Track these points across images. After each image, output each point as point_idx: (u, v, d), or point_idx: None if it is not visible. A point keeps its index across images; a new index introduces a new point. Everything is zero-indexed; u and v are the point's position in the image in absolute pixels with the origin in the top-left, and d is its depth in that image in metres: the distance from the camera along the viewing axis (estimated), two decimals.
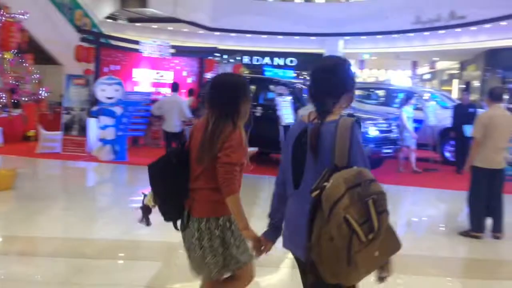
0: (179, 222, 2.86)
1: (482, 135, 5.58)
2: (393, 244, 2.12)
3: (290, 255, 4.72)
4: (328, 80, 2.29)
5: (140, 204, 2.96)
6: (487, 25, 21.09)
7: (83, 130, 11.11)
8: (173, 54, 14.66)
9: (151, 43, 13.57)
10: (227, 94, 2.74)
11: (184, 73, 14.41)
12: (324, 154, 2.18)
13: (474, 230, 5.63)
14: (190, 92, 11.98)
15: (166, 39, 17.91)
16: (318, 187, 2.06)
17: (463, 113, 10.07)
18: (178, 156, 2.79)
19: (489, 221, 5.76)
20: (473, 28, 21.86)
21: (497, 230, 5.67)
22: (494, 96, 5.83)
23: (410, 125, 9.94)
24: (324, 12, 26.02)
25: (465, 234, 5.69)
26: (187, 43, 24.33)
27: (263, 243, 2.52)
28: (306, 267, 2.21)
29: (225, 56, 22.96)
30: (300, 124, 2.38)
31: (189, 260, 2.85)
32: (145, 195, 2.95)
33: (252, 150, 3.22)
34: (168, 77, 13.80)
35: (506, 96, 9.21)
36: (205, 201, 2.72)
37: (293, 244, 2.37)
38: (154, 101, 10.78)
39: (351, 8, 26.40)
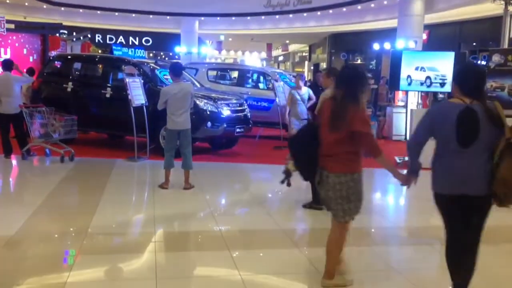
0: None
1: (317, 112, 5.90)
2: None
3: (154, 239, 4.64)
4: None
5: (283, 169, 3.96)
6: (330, 11, 22.60)
7: None
8: (11, 30, 13.29)
9: None
10: (354, 80, 3.62)
11: (25, 51, 13.18)
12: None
13: (316, 202, 5.99)
14: (30, 72, 10.92)
15: (3, 14, 16.09)
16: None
17: (318, 92, 10.65)
18: (311, 130, 3.80)
19: None
20: (318, 13, 23.25)
21: None
22: (334, 76, 6.18)
23: (296, 108, 9.15)
24: None
25: (308, 206, 6.04)
26: (28, 19, 22.22)
27: (412, 179, 3.53)
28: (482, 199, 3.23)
29: (73, 34, 21.42)
30: (456, 105, 3.23)
31: (329, 208, 3.76)
32: (288, 162, 3.89)
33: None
34: (5, 55, 12.48)
35: None
36: (343, 161, 3.56)
37: (466, 186, 3.22)
38: None
39: None
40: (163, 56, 31.35)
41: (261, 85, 13.51)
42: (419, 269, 4.42)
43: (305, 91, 9.32)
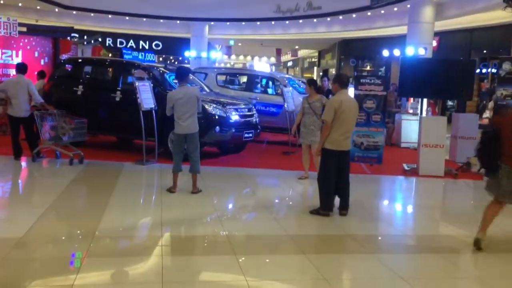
0: None
1: (332, 118, 5.89)
2: None
3: (161, 243, 4.65)
4: None
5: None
6: (340, 17, 22.59)
7: None
8: (23, 33, 13.42)
9: None
10: None
11: (36, 54, 13.30)
12: None
13: (323, 208, 5.99)
14: (41, 75, 11.03)
15: (15, 16, 16.26)
16: None
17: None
18: (494, 136, 5.00)
19: (336, 199, 6.17)
20: (328, 19, 23.25)
21: (344, 208, 6.10)
22: (341, 83, 6.18)
23: (304, 118, 8.12)
24: None
25: (315, 212, 6.02)
26: (40, 22, 22.45)
27: None
28: None
29: (85, 37, 21.65)
30: None
31: (499, 192, 5.01)
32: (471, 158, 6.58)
33: None
34: (17, 58, 12.61)
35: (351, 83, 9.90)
36: None
37: None
38: None
39: None
40: (173, 60, 31.49)
41: (269, 90, 13.53)
42: (425, 278, 4.40)
43: (317, 98, 8.08)
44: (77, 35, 20.27)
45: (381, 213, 6.98)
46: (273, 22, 25.03)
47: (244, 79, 14.82)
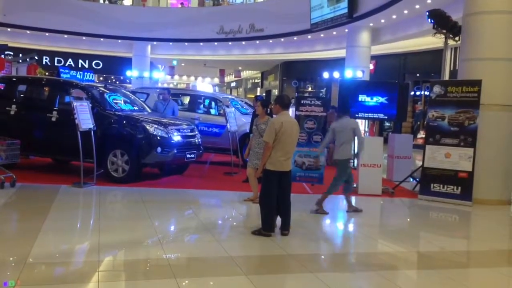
0: None
1: (273, 140, 5.96)
2: None
3: (98, 269, 4.47)
4: None
5: None
6: (282, 39, 23.14)
7: None
8: None
9: None
10: None
11: None
12: None
13: (265, 229, 6.01)
14: None
15: None
16: None
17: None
18: None
19: (278, 219, 6.22)
20: (270, 41, 23.74)
21: (285, 227, 6.15)
22: (282, 104, 6.28)
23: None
24: (131, 16, 25.49)
25: (257, 233, 6.03)
26: None
27: None
28: None
29: (20, 55, 20.86)
30: None
31: None
32: None
33: None
34: None
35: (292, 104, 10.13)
36: None
37: None
38: None
39: (160, 13, 26.37)
40: (114, 80, 30.92)
41: (212, 111, 13.53)
42: None
43: (264, 120, 7.72)
44: (11, 53, 19.52)
45: (322, 232, 7.09)
46: (216, 43, 25.22)
47: (186, 99, 14.74)
